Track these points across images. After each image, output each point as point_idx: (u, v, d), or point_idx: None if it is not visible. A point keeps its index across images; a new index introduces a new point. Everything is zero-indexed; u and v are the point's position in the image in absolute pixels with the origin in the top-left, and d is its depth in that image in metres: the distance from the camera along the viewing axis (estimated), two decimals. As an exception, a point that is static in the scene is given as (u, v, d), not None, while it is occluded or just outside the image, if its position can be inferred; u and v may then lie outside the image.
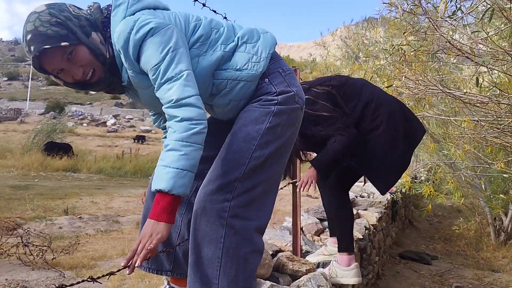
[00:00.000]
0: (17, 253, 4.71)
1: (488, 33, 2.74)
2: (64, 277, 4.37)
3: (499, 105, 2.92)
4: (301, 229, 2.77)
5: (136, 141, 30.72)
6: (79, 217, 7.47)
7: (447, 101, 4.51)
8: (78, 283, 1.27)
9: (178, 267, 1.72)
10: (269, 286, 2.06)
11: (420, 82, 3.13)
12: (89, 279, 1.21)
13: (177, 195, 1.25)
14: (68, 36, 1.31)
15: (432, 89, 3.08)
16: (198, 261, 1.38)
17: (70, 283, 1.91)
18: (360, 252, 3.34)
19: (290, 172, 2.67)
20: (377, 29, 5.47)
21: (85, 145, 25.09)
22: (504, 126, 3.06)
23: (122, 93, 1.58)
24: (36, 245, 4.84)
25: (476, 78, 2.30)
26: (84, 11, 1.43)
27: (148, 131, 38.32)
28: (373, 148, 2.28)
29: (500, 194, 5.72)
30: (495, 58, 2.53)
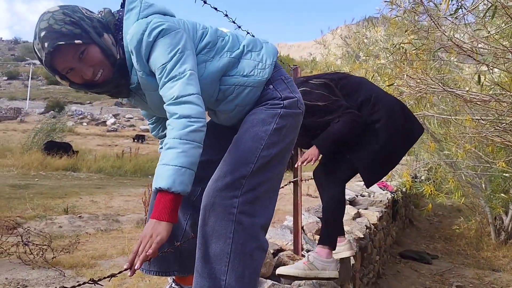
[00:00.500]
0: (17, 252, 4.69)
1: (489, 32, 2.73)
2: (64, 276, 4.36)
3: (501, 104, 2.91)
4: (302, 228, 2.76)
5: (135, 140, 30.71)
6: (79, 216, 7.45)
7: (447, 100, 4.50)
8: (79, 285, 1.25)
9: (184, 266, 1.72)
10: (270, 285, 2.06)
11: (422, 81, 3.12)
12: (91, 281, 1.19)
13: (177, 193, 1.24)
14: (82, 35, 1.33)
15: (434, 88, 3.07)
16: (206, 256, 1.39)
17: (70, 282, 1.91)
18: (361, 251, 3.34)
19: (289, 165, 2.65)
20: (378, 28, 5.46)
21: (85, 144, 25.08)
22: (506, 124, 3.05)
23: (127, 97, 1.60)
24: (36, 244, 4.83)
25: (478, 76, 2.28)
26: (95, 14, 1.46)
27: (147, 131, 38.30)
28: (370, 140, 2.26)
29: (500, 194, 5.72)
30: (497, 56, 2.52)
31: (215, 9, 2.00)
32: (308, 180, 3.23)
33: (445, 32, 2.44)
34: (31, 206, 7.96)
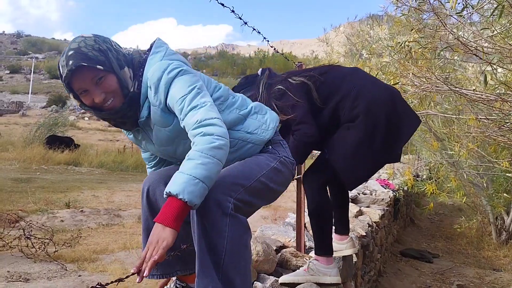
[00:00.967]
0: (19, 245, 4.71)
1: (494, 31, 2.72)
2: (66, 270, 4.37)
3: (506, 103, 2.90)
4: (305, 225, 2.76)
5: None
6: (80, 211, 7.47)
7: (451, 99, 4.50)
8: None
9: (186, 265, 1.73)
10: (273, 281, 2.06)
11: (427, 80, 3.11)
12: (98, 286, 1.20)
13: (184, 201, 1.25)
14: (105, 63, 1.45)
15: (438, 87, 3.07)
16: (203, 248, 1.40)
17: (72, 276, 1.90)
18: (362, 249, 3.34)
19: None
20: (382, 26, 5.45)
21: (87, 139, 25.12)
22: (511, 124, 3.05)
23: (129, 130, 1.68)
24: (38, 238, 4.84)
25: (485, 76, 2.27)
26: (123, 49, 1.59)
27: (149, 126, 38.31)
28: (345, 140, 2.06)
29: (503, 193, 5.72)
30: (503, 56, 2.51)
31: (222, 5, 2.00)
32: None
33: (452, 31, 2.43)
34: (33, 200, 7.98)
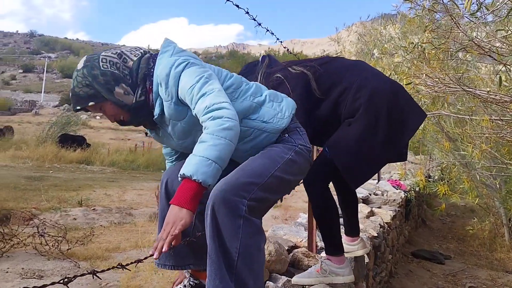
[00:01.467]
0: (33, 243, 4.77)
1: (508, 32, 2.70)
2: (79, 267, 4.42)
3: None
4: (316, 225, 2.76)
5: (148, 135, 30.87)
6: (93, 209, 7.55)
7: (464, 99, 4.46)
8: (108, 269, 1.34)
9: (199, 259, 1.75)
10: (285, 281, 2.07)
11: (440, 80, 3.09)
12: (119, 266, 1.27)
13: (198, 181, 1.29)
14: (95, 96, 1.54)
15: (452, 87, 3.05)
16: (216, 250, 1.41)
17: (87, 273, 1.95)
18: (374, 250, 3.34)
19: None
20: (396, 25, 5.42)
21: (98, 138, 25.34)
22: (525, 125, 3.02)
23: (153, 129, 1.75)
24: (52, 236, 4.90)
25: (499, 77, 2.25)
26: (115, 59, 1.59)
27: (160, 125, 38.46)
28: (346, 138, 1.97)
29: (516, 195, 5.65)
30: (518, 56, 2.48)
31: (237, 6, 2.02)
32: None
33: (466, 32, 2.41)
34: (46, 198, 8.08)
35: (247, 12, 2.07)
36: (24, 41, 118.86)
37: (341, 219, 2.32)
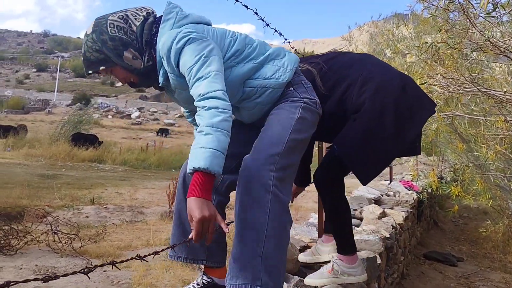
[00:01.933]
0: (46, 240, 4.83)
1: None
2: (91, 265, 4.46)
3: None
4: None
5: (159, 134, 31.12)
6: (104, 207, 7.62)
7: (478, 100, 4.41)
8: (127, 260, 1.41)
9: (212, 256, 1.76)
10: (297, 281, 2.07)
11: (454, 81, 3.06)
12: (137, 257, 1.33)
13: (213, 173, 1.33)
14: (105, 60, 1.61)
15: (466, 88, 3.01)
16: (244, 224, 1.47)
17: (97, 272, 1.97)
18: (386, 251, 3.31)
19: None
20: (409, 25, 5.38)
21: (110, 136, 25.55)
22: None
23: (162, 91, 1.79)
24: (65, 233, 4.96)
25: (516, 77, 2.22)
26: (122, 24, 1.62)
27: (171, 125, 38.76)
28: (352, 133, 1.92)
29: (530, 197, 5.57)
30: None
31: (246, 7, 2.02)
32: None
33: (483, 32, 2.39)
34: (59, 196, 8.17)
35: (256, 13, 2.08)
36: (38, 41, 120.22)
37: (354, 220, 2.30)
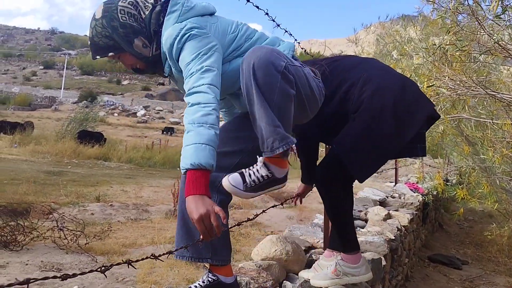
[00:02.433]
0: (52, 236, 4.86)
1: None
2: (97, 262, 4.49)
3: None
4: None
5: (164, 132, 31.20)
6: (110, 205, 7.65)
7: (485, 103, 4.39)
8: (142, 259, 1.41)
9: (217, 254, 1.77)
10: (303, 281, 2.07)
11: (462, 83, 3.05)
12: (151, 257, 1.35)
13: (202, 167, 1.35)
14: (115, 47, 1.62)
15: (474, 90, 3.00)
16: (254, 100, 1.51)
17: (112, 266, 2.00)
18: (391, 252, 3.31)
19: None
20: (416, 27, 5.36)
21: (116, 134, 25.66)
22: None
23: (166, 77, 1.83)
24: (70, 230, 4.99)
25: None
26: (133, 9, 1.63)
27: (177, 123, 38.84)
28: (351, 133, 1.94)
29: (537, 201, 5.54)
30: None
31: (257, 7, 2.03)
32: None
33: (492, 35, 2.38)
34: (65, 192, 8.21)
35: (267, 13, 2.09)
36: (45, 38, 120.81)
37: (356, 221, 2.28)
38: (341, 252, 2.11)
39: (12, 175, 9.66)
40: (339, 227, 2.12)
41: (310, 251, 2.51)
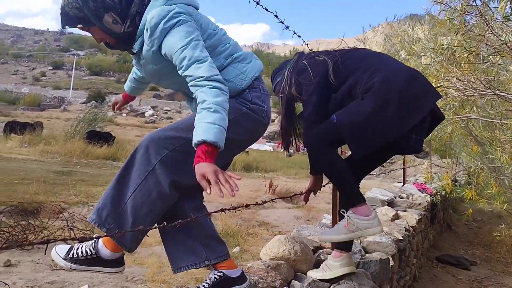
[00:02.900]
0: (62, 235, 4.91)
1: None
2: (106, 261, 4.52)
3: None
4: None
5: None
6: (118, 204, 7.69)
7: (494, 103, 4.38)
8: (156, 227, 1.61)
9: (212, 252, 1.82)
10: (311, 281, 2.09)
11: (470, 84, 3.05)
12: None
13: (219, 146, 1.47)
14: (84, 19, 1.63)
15: (482, 91, 3.00)
16: (121, 177, 1.69)
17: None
18: (399, 253, 3.32)
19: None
20: (424, 26, 5.35)
21: (124, 134, 25.79)
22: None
23: (133, 54, 1.86)
24: (80, 229, 5.04)
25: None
26: None
27: (184, 123, 38.92)
28: (356, 109, 1.97)
29: (546, 202, 5.51)
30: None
31: (266, 10, 2.06)
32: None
33: (500, 36, 2.38)
34: (74, 192, 8.27)
35: (276, 16, 2.11)
36: (54, 39, 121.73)
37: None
38: (350, 208, 2.07)
39: (23, 175, 9.76)
40: (338, 183, 2.13)
41: (318, 251, 2.53)
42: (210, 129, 1.44)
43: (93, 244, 1.73)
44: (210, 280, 1.82)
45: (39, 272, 4.06)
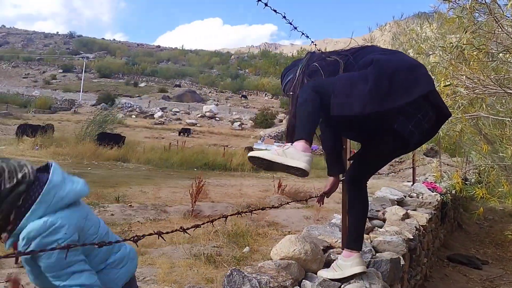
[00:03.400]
0: (74, 236, 4.96)
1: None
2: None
3: None
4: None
5: (181, 133, 31.43)
6: (129, 205, 7.76)
7: (503, 101, 4.35)
8: (172, 231, 1.58)
9: None
10: (322, 280, 2.10)
11: (480, 82, 3.04)
12: (180, 229, 1.49)
13: None
14: None
15: (492, 89, 2.99)
16: None
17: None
18: (410, 252, 3.31)
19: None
20: (433, 25, 5.33)
21: (134, 136, 25.92)
22: None
23: None
24: (92, 230, 5.09)
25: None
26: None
27: (193, 124, 39.09)
28: (349, 75, 2.01)
29: (558, 200, 5.45)
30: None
31: (275, 11, 2.07)
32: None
33: (509, 33, 2.37)
34: (85, 193, 8.35)
35: (284, 17, 2.12)
36: (64, 42, 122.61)
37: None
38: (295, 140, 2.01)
39: (34, 177, 9.87)
40: (303, 120, 2.01)
41: (328, 250, 2.54)
42: None
43: None
44: None
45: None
